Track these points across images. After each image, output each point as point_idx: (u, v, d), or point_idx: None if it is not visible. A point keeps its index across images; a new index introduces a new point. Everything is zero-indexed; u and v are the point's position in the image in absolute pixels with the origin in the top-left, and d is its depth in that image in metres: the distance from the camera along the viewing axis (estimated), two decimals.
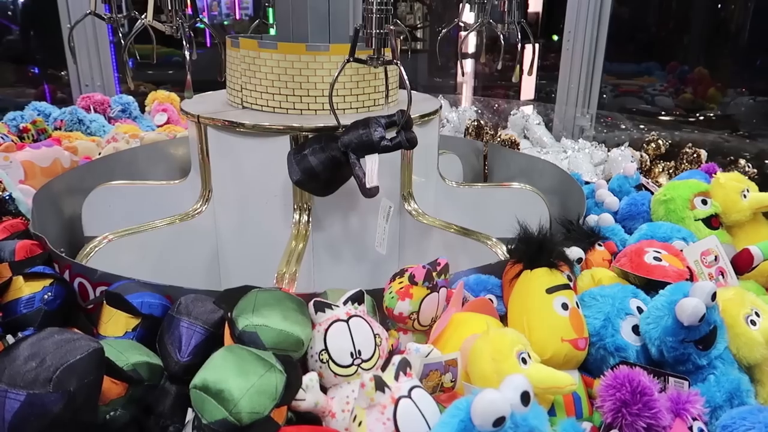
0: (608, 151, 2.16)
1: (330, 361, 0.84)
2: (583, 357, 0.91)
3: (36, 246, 1.21)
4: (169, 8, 1.14)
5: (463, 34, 1.73)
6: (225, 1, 6.51)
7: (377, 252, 1.35)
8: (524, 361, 0.80)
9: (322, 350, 0.84)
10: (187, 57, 1.16)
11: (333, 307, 0.88)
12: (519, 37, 1.46)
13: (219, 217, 1.42)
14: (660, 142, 2.03)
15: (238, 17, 6.40)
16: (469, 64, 4.53)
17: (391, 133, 1.18)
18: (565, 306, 0.91)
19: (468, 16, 1.71)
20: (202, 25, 1.26)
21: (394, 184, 1.41)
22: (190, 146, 1.47)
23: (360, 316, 0.87)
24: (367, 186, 1.12)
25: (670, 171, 1.93)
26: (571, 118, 2.68)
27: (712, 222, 1.27)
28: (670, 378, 0.85)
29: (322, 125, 1.28)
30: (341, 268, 1.40)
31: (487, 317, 0.96)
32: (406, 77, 1.16)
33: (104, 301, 0.97)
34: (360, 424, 0.69)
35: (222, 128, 1.33)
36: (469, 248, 1.32)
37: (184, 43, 1.15)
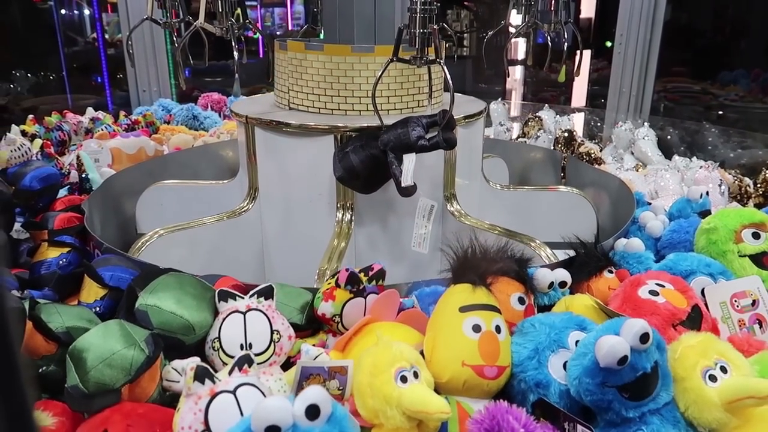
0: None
1: (220, 350, 0.85)
2: (495, 387, 0.81)
3: (75, 218, 1.34)
4: (220, 10, 1.18)
5: (512, 34, 1.72)
6: (278, 12, 6.68)
7: (419, 252, 1.35)
8: (404, 379, 0.74)
9: (215, 338, 0.86)
10: (236, 57, 1.20)
11: (237, 298, 0.88)
12: (566, 37, 1.44)
13: (265, 214, 1.45)
14: None
15: (290, 28, 6.55)
16: (518, 71, 4.48)
17: (432, 134, 1.18)
18: (476, 328, 0.82)
19: (515, 19, 1.70)
20: (251, 29, 1.29)
21: (436, 185, 1.41)
22: (239, 146, 1.51)
23: (260, 310, 0.88)
24: (403, 185, 1.13)
25: None
26: (621, 125, 2.61)
27: (764, 260, 1.09)
28: (578, 426, 0.74)
29: (366, 125, 1.30)
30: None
31: (408, 330, 0.91)
32: (449, 77, 1.16)
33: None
34: (178, 410, 0.70)
35: (268, 128, 1.37)
36: (512, 250, 1.31)
37: (233, 43, 1.19)
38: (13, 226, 1.29)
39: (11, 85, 4.49)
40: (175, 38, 1.41)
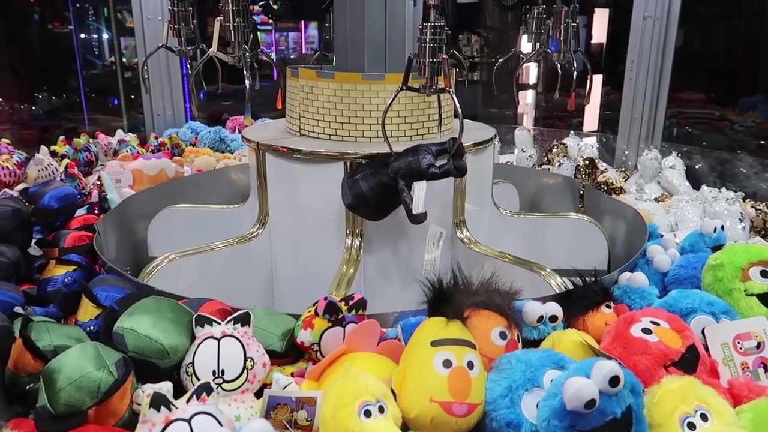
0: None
1: (193, 375, 0.86)
2: (465, 425, 0.78)
3: (86, 237, 1.39)
4: (233, 39, 1.20)
5: (523, 60, 1.73)
6: (293, 36, 6.78)
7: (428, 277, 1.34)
8: (368, 413, 0.72)
9: (190, 363, 0.86)
10: (247, 85, 1.22)
11: (213, 323, 0.89)
12: (575, 65, 1.44)
13: (274, 240, 1.46)
14: None
15: (304, 52, 6.64)
16: (529, 95, 4.50)
17: (441, 161, 1.18)
18: (447, 363, 0.79)
19: (526, 46, 1.72)
20: (264, 56, 1.31)
21: (446, 212, 1.40)
22: (250, 171, 1.52)
23: (235, 337, 0.88)
24: (414, 212, 1.13)
25: None
26: (634, 151, 2.60)
27: None
28: None
29: (376, 152, 1.31)
30: (391, 293, 1.40)
31: (385, 362, 0.89)
32: (458, 105, 1.17)
33: None
34: None
35: (279, 154, 1.38)
36: (521, 278, 1.30)
37: (245, 72, 1.21)
38: (30, 243, 1.33)
39: (33, 107, 4.60)
40: (189, 65, 1.43)
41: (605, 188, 2.06)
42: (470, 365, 0.81)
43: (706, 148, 2.51)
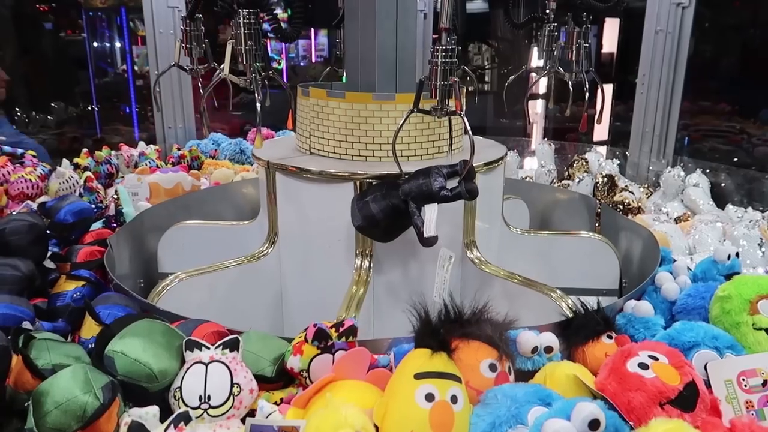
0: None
1: (180, 400, 0.86)
2: None
3: (98, 252, 1.41)
4: (244, 62, 1.21)
5: (533, 76, 1.72)
6: (302, 44, 6.81)
7: (438, 300, 1.34)
8: None
9: (178, 388, 0.87)
10: (258, 109, 1.22)
11: (202, 348, 0.89)
12: (587, 86, 1.44)
13: (284, 259, 1.46)
14: None
15: (314, 60, 6.66)
16: (539, 105, 4.49)
17: (452, 183, 1.18)
18: (430, 397, 0.78)
19: (537, 61, 1.71)
20: (274, 76, 1.32)
21: (456, 232, 1.40)
22: (260, 189, 1.53)
23: (223, 362, 0.88)
24: (425, 235, 1.12)
25: None
26: (645, 165, 2.58)
27: None
28: None
29: (386, 172, 1.30)
30: (401, 314, 1.40)
31: (372, 391, 0.88)
32: (469, 128, 1.16)
33: None
34: None
35: (289, 174, 1.38)
36: (531, 300, 1.29)
37: (256, 95, 1.21)
38: (45, 256, 1.35)
39: (48, 117, 4.66)
40: (200, 85, 1.44)
41: (621, 208, 2.01)
42: (454, 399, 0.80)
43: (732, 165, 2.42)
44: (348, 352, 0.92)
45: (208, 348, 0.90)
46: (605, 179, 2.20)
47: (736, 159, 3.40)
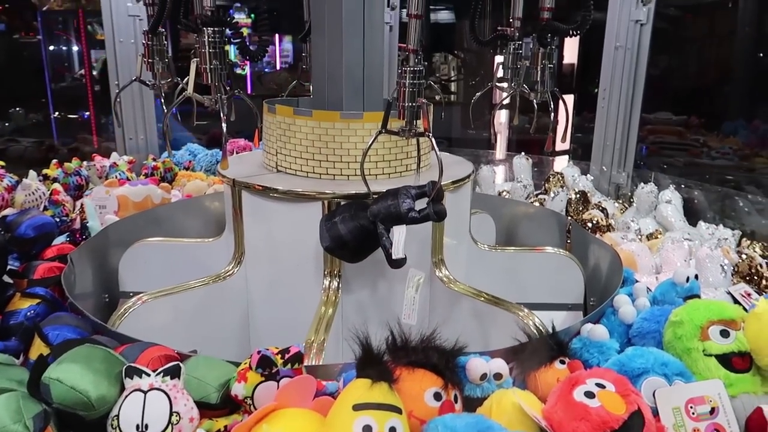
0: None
1: (118, 429, 0.84)
2: None
3: (56, 268, 1.38)
4: (209, 82, 1.19)
5: (498, 90, 1.74)
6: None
7: (408, 322, 1.34)
8: None
9: (115, 416, 0.86)
10: (224, 129, 1.20)
11: (142, 375, 0.88)
12: (552, 106, 1.46)
13: (250, 279, 1.43)
14: None
15: (278, 66, 6.60)
16: (503, 115, 4.55)
17: (421, 204, 1.18)
18: (367, 429, 0.77)
19: (502, 73, 1.72)
20: (240, 95, 1.30)
21: (425, 250, 1.40)
22: (225, 206, 1.50)
23: (162, 390, 0.87)
24: (393, 257, 1.12)
25: None
26: (607, 177, 2.64)
27: (732, 362, 0.99)
28: None
29: (354, 192, 1.30)
30: (370, 333, 1.39)
31: (315, 420, 0.87)
32: (437, 149, 1.16)
33: None
34: None
35: (256, 192, 1.36)
36: (499, 318, 1.30)
37: (222, 115, 1.19)
38: (4, 272, 1.31)
39: (6, 124, 4.51)
40: (163, 102, 1.41)
41: (590, 226, 2.01)
42: (392, 431, 0.78)
43: (706, 182, 2.45)
44: (292, 379, 0.91)
45: (149, 375, 0.89)
46: (578, 195, 2.20)
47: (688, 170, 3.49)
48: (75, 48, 5.53)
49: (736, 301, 1.34)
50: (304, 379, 0.90)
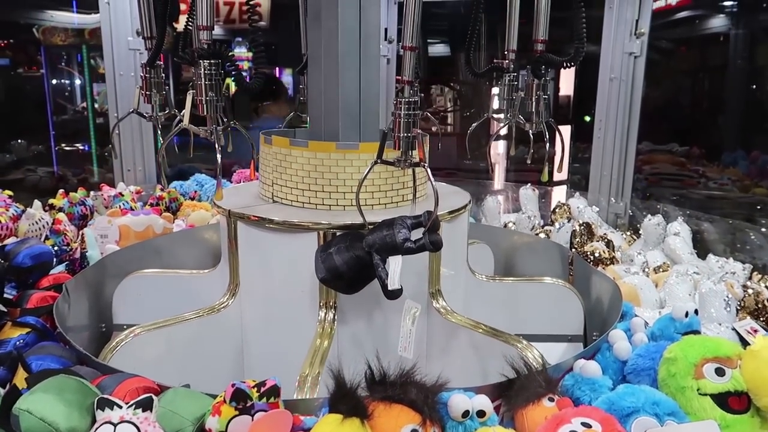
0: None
1: None
2: None
3: (50, 298, 1.39)
4: (205, 113, 1.19)
5: (494, 122, 1.75)
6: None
7: (403, 354, 1.31)
8: None
9: None
10: (219, 160, 1.20)
11: (114, 407, 0.87)
12: (547, 137, 1.47)
13: (245, 311, 1.42)
14: None
15: None
16: (501, 145, 4.58)
17: (417, 234, 1.17)
18: None
19: (498, 104, 1.73)
20: (236, 126, 1.30)
21: (421, 281, 1.39)
22: (221, 237, 1.49)
23: (133, 423, 0.85)
24: (389, 288, 1.11)
25: None
26: (605, 207, 2.64)
27: (729, 402, 0.95)
28: None
29: (350, 222, 1.29)
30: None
31: None
32: (432, 179, 1.16)
33: None
34: None
35: (251, 223, 1.35)
36: (497, 350, 1.28)
37: (216, 147, 1.19)
38: (1, 300, 1.32)
39: (6, 155, 4.54)
40: (159, 133, 1.41)
41: (592, 258, 1.98)
42: None
43: (716, 215, 2.40)
44: (266, 414, 0.88)
45: (120, 407, 0.87)
46: (582, 227, 2.17)
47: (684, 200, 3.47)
48: (78, 81, 5.60)
49: (741, 338, 1.30)
50: (279, 413, 0.88)
